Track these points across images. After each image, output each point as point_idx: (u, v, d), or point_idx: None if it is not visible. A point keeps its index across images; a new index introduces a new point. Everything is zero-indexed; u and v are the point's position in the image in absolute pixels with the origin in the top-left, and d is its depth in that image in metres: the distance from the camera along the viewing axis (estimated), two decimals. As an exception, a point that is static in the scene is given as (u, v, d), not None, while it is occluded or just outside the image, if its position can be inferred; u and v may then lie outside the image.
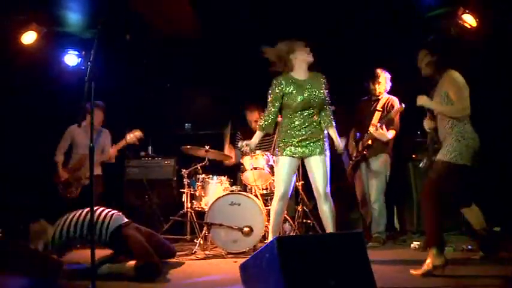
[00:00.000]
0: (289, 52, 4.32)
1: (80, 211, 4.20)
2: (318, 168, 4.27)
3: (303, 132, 4.30)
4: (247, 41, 6.18)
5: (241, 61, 6.39)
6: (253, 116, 5.92)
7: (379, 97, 5.53)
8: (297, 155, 4.33)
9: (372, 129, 5.28)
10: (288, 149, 4.32)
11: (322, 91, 4.34)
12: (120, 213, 4.33)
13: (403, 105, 5.20)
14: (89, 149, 3.32)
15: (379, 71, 5.53)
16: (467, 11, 5.34)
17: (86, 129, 5.68)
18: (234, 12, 6.01)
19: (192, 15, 5.84)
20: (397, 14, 5.90)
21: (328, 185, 4.29)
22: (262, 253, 3.05)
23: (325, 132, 4.41)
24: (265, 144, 5.71)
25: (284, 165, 4.33)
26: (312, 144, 4.30)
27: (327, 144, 4.37)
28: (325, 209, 4.26)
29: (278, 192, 4.35)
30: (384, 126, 5.18)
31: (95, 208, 4.11)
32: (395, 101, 5.46)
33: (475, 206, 4.09)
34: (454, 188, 3.92)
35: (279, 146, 4.39)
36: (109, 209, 4.29)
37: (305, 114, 4.32)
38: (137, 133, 5.63)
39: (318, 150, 4.29)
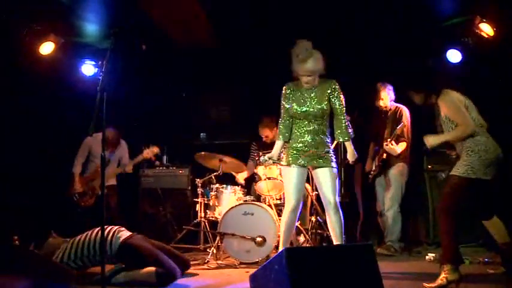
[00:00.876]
0: (295, 70, 4.18)
1: (82, 235, 4.26)
2: (326, 180, 4.17)
3: (309, 142, 4.20)
4: (263, 51, 6.24)
5: (258, 70, 6.40)
6: (263, 132, 5.91)
7: (387, 109, 5.61)
8: (304, 164, 4.21)
9: (384, 145, 5.37)
10: (294, 158, 4.21)
11: (324, 102, 4.17)
12: (123, 228, 4.35)
13: (406, 123, 5.36)
14: (101, 158, 3.33)
15: (379, 85, 5.62)
16: (484, 20, 5.26)
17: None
18: (249, 21, 6.02)
19: (207, 24, 5.87)
20: (400, 18, 5.87)
21: (337, 196, 4.21)
22: (271, 264, 3.03)
23: (331, 145, 4.31)
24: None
25: (292, 176, 4.21)
26: (318, 156, 4.18)
27: (333, 156, 4.27)
28: (334, 220, 4.18)
29: (289, 204, 4.24)
30: (393, 142, 5.26)
31: (98, 229, 4.21)
32: (403, 110, 5.52)
33: (498, 219, 4.00)
34: (469, 202, 3.86)
35: (286, 155, 4.29)
36: (111, 226, 4.33)
37: (311, 123, 4.22)
38: (155, 149, 5.73)
39: (324, 162, 4.18)
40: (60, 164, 6.05)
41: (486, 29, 5.33)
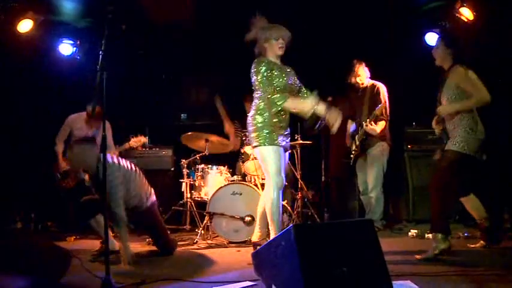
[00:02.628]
0: (265, 41, 4.15)
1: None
2: (285, 161, 4.20)
3: (286, 119, 4.13)
4: (244, 29, 6.21)
5: (239, 50, 6.36)
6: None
7: (363, 86, 5.63)
8: (281, 144, 4.08)
9: (364, 125, 5.40)
10: (277, 137, 4.04)
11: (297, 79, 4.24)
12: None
13: (386, 103, 5.40)
14: (102, 138, 3.30)
15: (355, 62, 5.62)
16: (464, 4, 5.41)
17: (87, 121, 5.70)
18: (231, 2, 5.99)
19: (188, 3, 5.80)
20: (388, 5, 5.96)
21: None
22: (277, 240, 3.09)
23: None
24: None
25: (279, 155, 4.04)
26: (289, 136, 4.21)
27: None
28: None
29: (278, 183, 4.02)
30: (372, 122, 5.31)
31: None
32: (380, 86, 5.58)
33: (474, 196, 4.20)
34: (461, 177, 4.03)
35: (267, 134, 4.01)
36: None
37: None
38: (142, 139, 5.65)
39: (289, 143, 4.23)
40: (37, 143, 5.92)
41: (466, 13, 5.48)
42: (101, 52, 3.39)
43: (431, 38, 5.97)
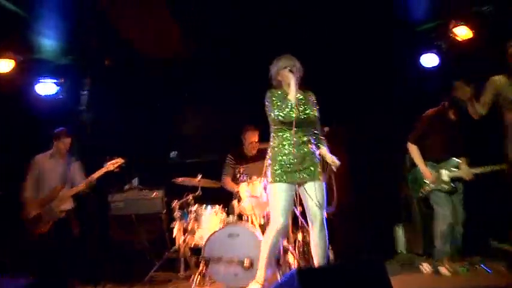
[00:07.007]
0: (277, 73, 4.13)
1: None
2: (314, 195, 3.98)
3: (296, 154, 4.00)
4: (235, 63, 6.01)
5: (231, 83, 6.14)
6: (253, 137, 5.64)
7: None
8: (293, 181, 4.01)
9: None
10: (283, 173, 3.99)
11: (314, 109, 4.13)
12: None
13: None
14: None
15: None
16: (461, 22, 5.20)
17: (55, 159, 5.39)
18: (224, 32, 5.80)
19: (178, 35, 5.60)
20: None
21: (325, 213, 4.02)
22: (281, 286, 2.84)
23: (318, 157, 4.12)
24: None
25: (282, 193, 3.98)
26: (306, 169, 4.01)
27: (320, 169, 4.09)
28: (319, 239, 3.98)
29: (277, 224, 3.98)
30: None
31: None
32: None
33: None
34: None
35: (272, 171, 4.05)
36: None
37: (297, 133, 4.01)
38: (119, 160, 5.24)
39: (312, 175, 4.02)
40: (11, 187, 5.54)
41: (461, 33, 5.28)
42: (81, 92, 3.11)
43: (429, 60, 5.76)
